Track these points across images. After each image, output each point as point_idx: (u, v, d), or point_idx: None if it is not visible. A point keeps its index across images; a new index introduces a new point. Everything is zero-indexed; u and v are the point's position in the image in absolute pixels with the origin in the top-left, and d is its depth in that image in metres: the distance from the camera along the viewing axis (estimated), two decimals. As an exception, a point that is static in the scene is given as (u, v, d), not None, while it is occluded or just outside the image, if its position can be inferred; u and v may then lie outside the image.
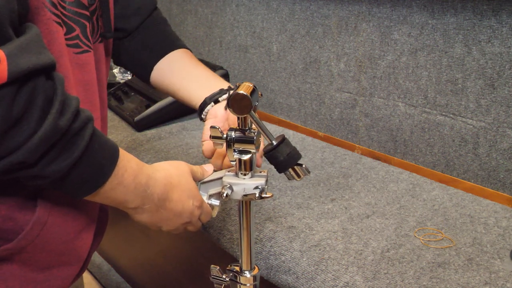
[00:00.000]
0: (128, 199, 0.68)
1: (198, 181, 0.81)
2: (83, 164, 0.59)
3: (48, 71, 0.55)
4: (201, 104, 0.88)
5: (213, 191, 0.81)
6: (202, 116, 0.88)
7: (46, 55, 0.54)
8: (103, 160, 0.62)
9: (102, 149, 0.62)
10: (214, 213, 0.83)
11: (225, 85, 0.90)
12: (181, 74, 0.92)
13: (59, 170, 0.57)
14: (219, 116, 0.86)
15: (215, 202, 0.81)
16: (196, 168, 0.80)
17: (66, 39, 0.66)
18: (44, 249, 0.68)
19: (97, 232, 0.79)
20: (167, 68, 0.93)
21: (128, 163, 0.66)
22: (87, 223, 0.74)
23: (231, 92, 0.69)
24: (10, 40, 0.51)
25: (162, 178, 0.72)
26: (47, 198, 0.66)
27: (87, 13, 0.70)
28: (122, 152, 0.66)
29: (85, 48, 0.71)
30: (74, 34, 0.68)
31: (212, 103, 0.87)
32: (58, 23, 0.64)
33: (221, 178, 0.79)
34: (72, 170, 0.58)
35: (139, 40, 0.94)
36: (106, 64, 0.82)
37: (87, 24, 0.70)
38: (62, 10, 0.65)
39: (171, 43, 0.95)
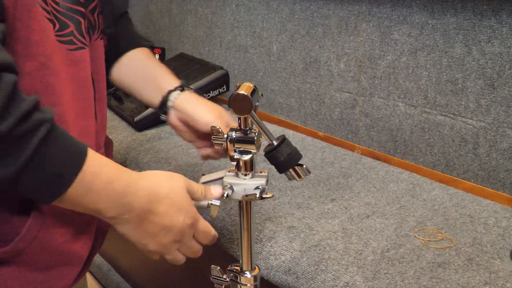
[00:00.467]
0: (101, 208, 0.63)
1: (196, 201, 0.75)
2: (35, 169, 0.55)
3: None
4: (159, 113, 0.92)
5: None
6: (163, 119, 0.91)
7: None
8: (63, 165, 0.58)
9: (63, 153, 0.58)
10: (214, 213, 0.82)
11: (171, 85, 0.91)
12: (133, 75, 0.93)
13: (5, 175, 0.54)
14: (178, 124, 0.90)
15: (216, 202, 0.81)
16: (197, 186, 0.74)
17: (58, 36, 0.66)
18: (43, 250, 0.67)
19: (98, 232, 0.78)
20: (122, 67, 0.94)
21: (101, 169, 0.62)
22: (87, 223, 0.74)
23: (234, 92, 0.69)
24: None
25: (147, 187, 0.67)
26: None
27: (82, 9, 0.69)
28: (94, 157, 0.62)
29: (80, 45, 0.70)
30: (67, 30, 0.67)
31: (163, 115, 0.90)
32: (50, 19, 0.64)
33: (221, 178, 0.79)
34: (22, 175, 0.55)
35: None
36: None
37: (82, 20, 0.69)
38: (55, 6, 0.64)
39: (130, 42, 0.96)
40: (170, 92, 0.88)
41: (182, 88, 0.89)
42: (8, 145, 0.53)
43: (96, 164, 0.62)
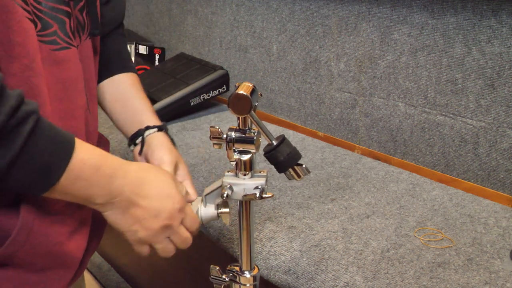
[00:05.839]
0: (92, 194, 0.64)
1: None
2: (25, 160, 0.56)
3: None
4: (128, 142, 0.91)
5: (219, 200, 0.80)
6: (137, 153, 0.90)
7: None
8: (53, 155, 0.59)
9: (51, 143, 0.59)
10: (227, 221, 0.81)
11: (151, 122, 0.91)
12: (116, 103, 0.93)
13: None
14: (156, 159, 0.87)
15: (225, 210, 0.81)
16: (178, 182, 0.77)
17: (41, 36, 0.65)
18: (37, 253, 0.66)
19: (92, 233, 0.77)
20: (107, 90, 0.94)
21: (87, 155, 0.63)
22: (79, 224, 0.72)
23: (233, 92, 0.69)
24: None
25: (136, 170, 0.68)
26: (30, 202, 0.65)
27: (68, 8, 0.68)
28: (81, 145, 0.62)
29: (64, 44, 0.68)
30: (51, 30, 0.66)
31: (133, 145, 0.90)
32: (31, 19, 0.63)
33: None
34: (13, 167, 0.56)
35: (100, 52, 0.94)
36: (95, 62, 0.81)
37: (67, 20, 0.68)
38: (36, 5, 0.64)
39: (121, 65, 0.96)
40: (148, 128, 0.89)
41: (159, 129, 0.90)
42: (1, 137, 0.54)
43: (84, 152, 0.62)
